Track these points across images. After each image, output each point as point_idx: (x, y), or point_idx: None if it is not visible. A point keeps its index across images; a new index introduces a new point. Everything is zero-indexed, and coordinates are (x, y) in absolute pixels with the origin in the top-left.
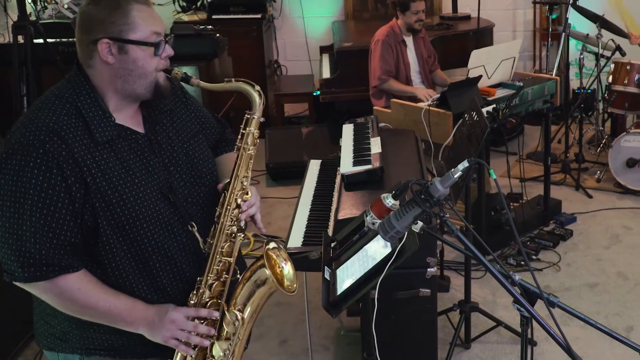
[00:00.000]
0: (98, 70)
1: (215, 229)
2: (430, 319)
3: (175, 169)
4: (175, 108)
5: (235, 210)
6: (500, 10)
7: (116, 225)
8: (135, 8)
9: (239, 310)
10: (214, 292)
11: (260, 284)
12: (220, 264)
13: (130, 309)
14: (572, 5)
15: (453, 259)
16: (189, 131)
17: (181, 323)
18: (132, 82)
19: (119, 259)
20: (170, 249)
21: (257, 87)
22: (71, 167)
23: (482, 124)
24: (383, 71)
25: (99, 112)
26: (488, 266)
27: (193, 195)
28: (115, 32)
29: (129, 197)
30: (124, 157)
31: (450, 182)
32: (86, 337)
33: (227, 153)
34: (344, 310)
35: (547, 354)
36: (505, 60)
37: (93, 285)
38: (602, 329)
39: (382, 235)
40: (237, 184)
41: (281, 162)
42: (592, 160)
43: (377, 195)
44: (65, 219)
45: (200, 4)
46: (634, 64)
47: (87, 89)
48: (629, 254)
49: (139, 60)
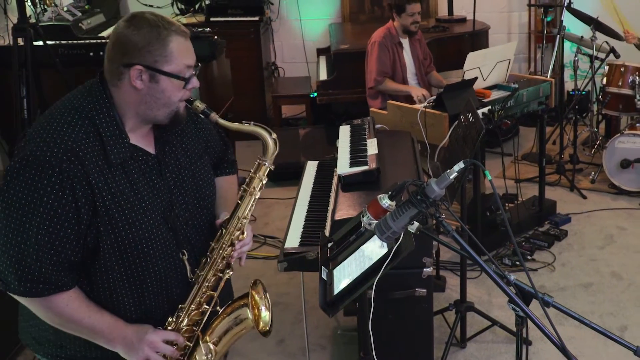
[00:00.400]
0: (124, 92)
1: (207, 262)
2: (426, 319)
3: (179, 192)
4: (186, 129)
5: (229, 248)
6: (496, 12)
7: (117, 248)
8: (174, 40)
9: (214, 343)
10: (192, 320)
11: (239, 322)
12: (204, 295)
13: (111, 327)
14: (566, 7)
15: (449, 259)
16: (196, 152)
17: (158, 346)
18: (155, 109)
19: (112, 279)
20: (164, 271)
21: (273, 135)
22: (84, 188)
23: (477, 125)
24: (379, 72)
25: (116, 131)
26: (483, 266)
27: (194, 219)
28: (150, 61)
29: (135, 221)
30: (134, 179)
31: (446, 183)
32: (60, 346)
33: (227, 176)
34: (341, 310)
35: (542, 353)
36: (500, 62)
37: (80, 303)
38: (596, 329)
39: (379, 235)
40: (236, 224)
41: (279, 163)
42: (587, 161)
43: (373, 196)
44: (69, 239)
45: (198, 6)
46: (628, 66)
47: (108, 107)
48: (623, 254)
49: (167, 91)
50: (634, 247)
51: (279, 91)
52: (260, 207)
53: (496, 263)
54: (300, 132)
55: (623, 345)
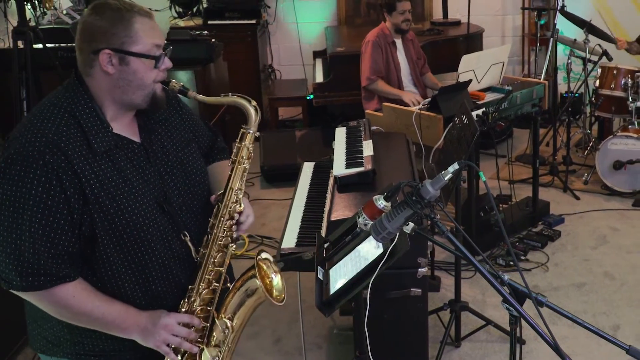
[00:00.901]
0: (97, 79)
1: (208, 239)
2: (421, 318)
3: (170, 178)
4: (170, 117)
5: (228, 222)
6: (490, 15)
7: (113, 235)
8: (138, 20)
9: (229, 318)
10: (205, 300)
11: (251, 294)
12: (212, 273)
13: (123, 316)
14: (560, 11)
15: (443, 259)
16: (183, 140)
17: (174, 328)
18: (130, 92)
19: (115, 267)
20: (165, 257)
21: (253, 103)
22: (70, 178)
23: (472, 127)
24: (372, 71)
25: (97, 122)
26: (478, 266)
27: (187, 204)
28: (117, 43)
29: (127, 207)
30: (121, 167)
31: (440, 184)
32: (77, 342)
33: (219, 162)
34: (337, 310)
35: (535, 353)
36: (494, 64)
37: (87, 293)
38: (589, 328)
39: (374, 236)
40: (231, 196)
41: (275, 164)
42: (580, 162)
43: (369, 197)
44: (64, 230)
45: (196, 9)
46: (620, 69)
47: (85, 98)
48: (615, 254)
49: (139, 72)
50: (627, 247)
51: (276, 93)
52: (257, 207)
53: (490, 263)
54: (297, 134)
55: (616, 345)
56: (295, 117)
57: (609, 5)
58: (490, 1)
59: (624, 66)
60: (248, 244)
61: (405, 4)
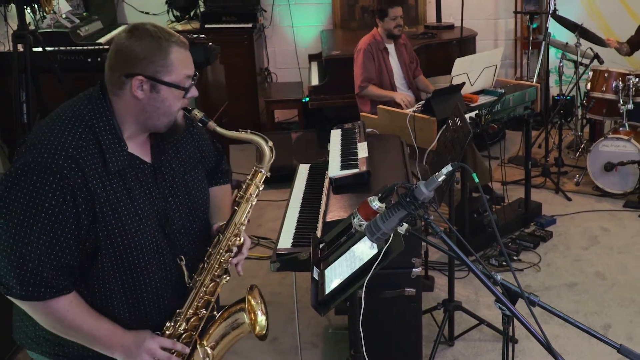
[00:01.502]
0: (125, 101)
1: (204, 267)
2: (415, 318)
3: (173, 200)
4: (182, 139)
5: (225, 254)
6: (483, 19)
7: (114, 253)
8: (175, 51)
9: (211, 347)
10: (190, 325)
11: (236, 327)
12: (202, 300)
13: (110, 335)
14: (551, 15)
15: (437, 260)
16: (191, 162)
17: (157, 353)
18: (155, 118)
19: (108, 283)
20: (159, 279)
21: (270, 143)
22: (84, 195)
23: (465, 129)
24: (363, 78)
25: (115, 140)
26: (471, 266)
27: (187, 227)
28: (151, 71)
29: (131, 228)
30: (130, 187)
31: (434, 185)
32: (57, 344)
33: (221, 186)
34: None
35: (527, 351)
36: (487, 67)
37: (80, 309)
38: (580, 327)
39: (369, 236)
40: (233, 230)
41: (272, 165)
42: (571, 164)
43: (363, 198)
44: (69, 244)
45: (193, 13)
46: (611, 72)
47: (108, 115)
48: (606, 254)
49: (168, 100)
50: (618, 247)
51: (272, 96)
52: (253, 209)
53: (483, 263)
54: (293, 136)
55: (607, 344)
56: (291, 120)
57: (600, 9)
58: (483, 5)
59: (615, 69)
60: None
61: (397, 10)
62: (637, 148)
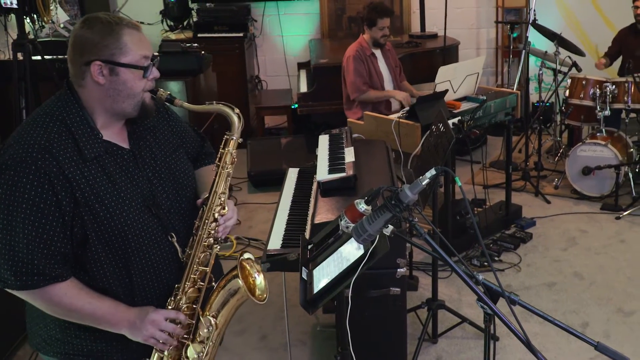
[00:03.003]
0: (89, 89)
1: (194, 240)
2: (400, 316)
3: (158, 182)
4: (158, 124)
5: (212, 224)
6: (465, 29)
7: (103, 237)
8: (127, 33)
9: (213, 316)
10: (190, 298)
11: (233, 293)
12: (197, 272)
13: (113, 312)
14: (531, 24)
15: (421, 260)
16: (171, 146)
17: (161, 324)
18: (120, 101)
19: (105, 267)
20: (152, 257)
21: (236, 110)
22: (61, 182)
23: (448, 134)
24: (362, 83)
25: (87, 129)
26: (454, 267)
27: (175, 207)
28: (107, 55)
29: (116, 211)
30: (110, 172)
31: (418, 188)
32: (67, 342)
33: (206, 166)
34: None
35: (508, 349)
36: (469, 75)
37: (79, 291)
38: (559, 325)
39: (356, 238)
40: (215, 200)
41: (262, 170)
42: (551, 168)
43: (350, 201)
44: (56, 231)
45: (186, 23)
46: (589, 79)
47: (77, 107)
48: (584, 255)
49: (128, 82)
50: (595, 248)
51: (262, 102)
52: (244, 211)
53: (465, 264)
54: (282, 141)
55: (584, 341)
56: (280, 125)
57: (578, 19)
58: (466, 15)
59: (593, 77)
60: (236, 245)
61: (385, 21)
62: (613, 153)
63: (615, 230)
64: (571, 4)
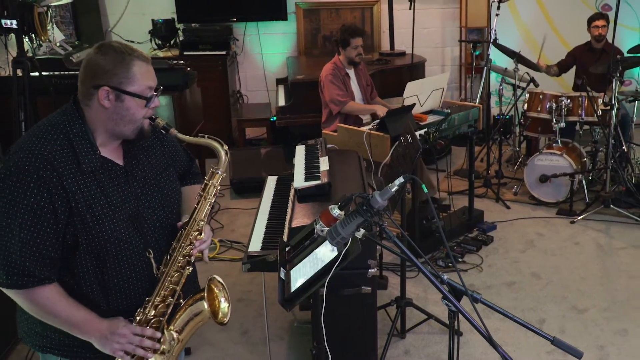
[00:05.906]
0: (94, 110)
1: (168, 260)
2: (370, 313)
3: (146, 198)
4: (152, 145)
5: (188, 247)
6: (431, 47)
7: (90, 245)
8: (137, 64)
9: (177, 331)
10: (158, 312)
11: (198, 313)
12: (168, 289)
13: (86, 321)
14: (492, 43)
15: (391, 261)
16: (161, 165)
17: (130, 337)
18: (122, 125)
19: (87, 274)
20: (129, 268)
21: (225, 147)
22: (59, 192)
23: (415, 145)
24: (342, 95)
25: (87, 144)
26: (420, 267)
27: (160, 221)
28: (116, 82)
29: (104, 222)
30: (104, 186)
31: (388, 195)
32: (46, 336)
33: (191, 185)
34: (297, 305)
35: (471, 343)
36: (435, 90)
37: (59, 297)
38: (518, 321)
39: (330, 240)
40: (194, 226)
41: (243, 178)
42: (510, 176)
43: (325, 207)
44: (49, 237)
45: (173, 42)
46: (546, 94)
47: (80, 123)
48: (541, 257)
49: (132, 108)
50: (551, 250)
51: (243, 115)
52: (226, 216)
53: (431, 264)
54: (262, 151)
55: (541, 336)
56: (260, 137)
57: (535, 38)
58: (432, 35)
59: (549, 92)
60: (219, 247)
61: (358, 40)
62: (568, 162)
63: (570, 234)
64: (530, 25)
